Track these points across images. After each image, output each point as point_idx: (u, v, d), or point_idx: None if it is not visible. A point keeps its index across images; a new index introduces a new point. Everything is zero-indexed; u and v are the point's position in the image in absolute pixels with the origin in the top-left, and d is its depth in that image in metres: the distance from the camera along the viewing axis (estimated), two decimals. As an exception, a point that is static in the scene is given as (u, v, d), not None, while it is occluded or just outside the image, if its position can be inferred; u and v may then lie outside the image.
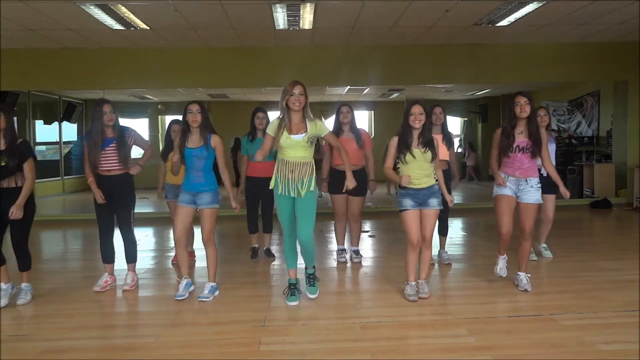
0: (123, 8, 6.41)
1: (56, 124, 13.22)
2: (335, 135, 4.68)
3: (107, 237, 4.37)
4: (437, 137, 4.05)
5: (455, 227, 7.27)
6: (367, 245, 6.17)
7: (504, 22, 7.41)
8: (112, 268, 4.44)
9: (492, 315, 3.57)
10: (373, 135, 13.84)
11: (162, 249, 6.31)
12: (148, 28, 7.37)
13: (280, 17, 6.95)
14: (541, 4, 6.56)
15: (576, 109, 11.62)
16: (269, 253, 5.43)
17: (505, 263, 4.21)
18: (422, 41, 8.47)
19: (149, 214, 8.95)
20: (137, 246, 4.50)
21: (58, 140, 13.36)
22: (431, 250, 4.00)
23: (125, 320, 3.78)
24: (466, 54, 8.87)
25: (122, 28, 7.32)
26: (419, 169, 3.79)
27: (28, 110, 11.69)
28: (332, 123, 5.11)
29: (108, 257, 4.40)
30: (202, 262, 4.59)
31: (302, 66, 8.76)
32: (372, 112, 15.04)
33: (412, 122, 3.75)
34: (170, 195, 5.13)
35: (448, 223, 5.07)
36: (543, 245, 5.23)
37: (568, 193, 4.05)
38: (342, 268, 5.03)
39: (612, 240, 6.56)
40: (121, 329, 3.53)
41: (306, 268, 4.05)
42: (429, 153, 3.79)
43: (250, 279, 4.66)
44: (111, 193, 4.22)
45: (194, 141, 3.98)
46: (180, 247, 4.14)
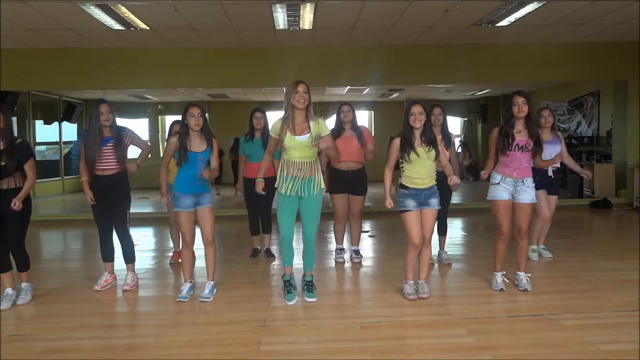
0: (123, 8, 6.41)
1: (56, 124, 13.21)
2: (332, 136, 4.78)
3: (107, 237, 4.37)
4: (437, 137, 4.04)
5: (455, 227, 7.27)
6: (367, 245, 6.17)
7: (504, 22, 7.41)
8: (112, 267, 4.44)
9: (492, 315, 3.57)
10: (373, 135, 13.84)
11: (162, 249, 6.31)
12: (148, 28, 7.37)
13: (280, 17, 6.95)
14: (541, 4, 6.56)
15: (576, 109, 11.62)
16: (269, 253, 5.43)
17: (502, 278, 4.14)
18: (422, 41, 8.47)
19: (149, 214, 8.94)
20: (135, 246, 4.49)
21: (58, 140, 13.37)
22: (430, 249, 4.00)
23: (125, 320, 3.78)
24: (466, 54, 8.87)
25: (122, 28, 7.32)
26: (423, 168, 3.80)
27: (28, 110, 11.69)
28: (334, 122, 5.11)
29: (108, 256, 4.41)
30: (202, 262, 4.58)
31: (302, 66, 8.76)
32: (372, 112, 15.04)
33: (413, 122, 3.76)
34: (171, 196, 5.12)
35: (447, 223, 5.06)
36: (542, 246, 5.23)
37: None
38: (342, 268, 5.03)
39: (612, 240, 6.56)
40: (121, 329, 3.53)
41: (304, 275, 4.03)
42: (433, 152, 3.80)
43: (250, 279, 4.66)
44: (107, 192, 4.22)
45: (198, 144, 3.95)
46: (187, 251, 4.13)
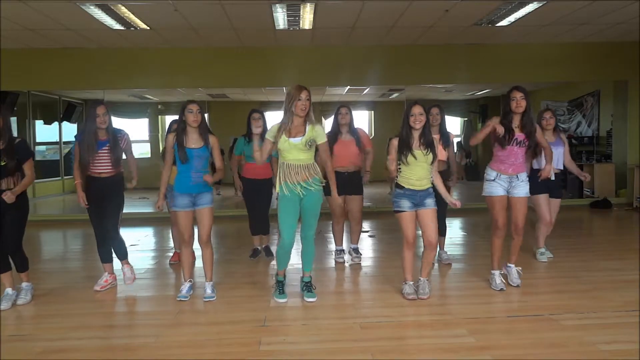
0: (123, 8, 6.41)
1: (56, 124, 13.21)
2: (328, 144, 4.78)
3: (104, 239, 4.34)
4: (435, 137, 4.03)
5: (454, 227, 7.27)
6: (367, 245, 6.17)
7: (504, 22, 7.41)
8: (112, 267, 4.43)
9: (492, 315, 3.57)
10: (373, 135, 13.85)
11: (162, 249, 6.31)
12: (148, 28, 7.37)
13: (280, 17, 6.95)
14: (541, 4, 6.56)
15: (576, 109, 11.62)
16: (268, 251, 5.43)
17: (501, 277, 4.14)
18: (422, 41, 8.47)
19: (149, 214, 8.94)
20: (135, 246, 4.52)
21: (58, 140, 13.37)
22: (435, 251, 3.96)
23: (125, 320, 3.78)
24: (466, 54, 8.87)
25: (122, 28, 7.32)
26: (421, 170, 3.79)
27: (28, 110, 11.69)
28: (330, 124, 5.10)
29: (106, 257, 4.40)
30: (201, 262, 4.57)
31: (302, 66, 8.76)
32: (372, 112, 15.05)
33: (413, 123, 3.74)
34: (170, 196, 5.07)
35: (446, 223, 5.03)
36: (541, 250, 5.11)
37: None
38: (342, 268, 5.03)
39: (612, 240, 6.56)
40: (121, 329, 3.53)
41: (302, 276, 4.01)
42: (430, 155, 3.79)
43: (250, 279, 4.66)
44: (102, 195, 4.20)
45: (195, 141, 3.94)
46: (186, 250, 4.11)
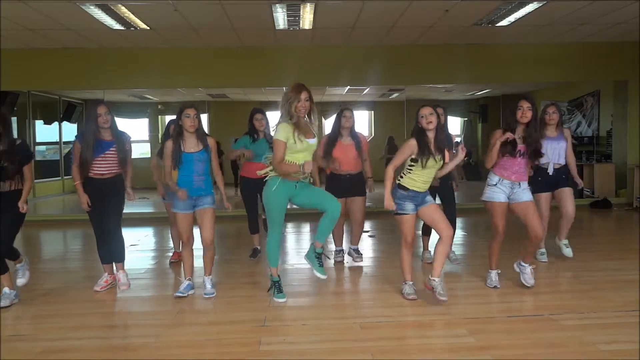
0: (123, 8, 6.41)
1: (56, 124, 13.21)
2: (329, 143, 4.80)
3: (104, 240, 4.31)
4: None
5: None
6: (367, 245, 6.17)
7: (504, 22, 7.41)
8: (112, 268, 4.42)
9: (492, 315, 3.57)
10: (373, 135, 13.86)
11: (162, 249, 6.31)
12: (148, 28, 7.37)
13: (280, 17, 6.95)
14: (541, 4, 6.56)
15: (576, 109, 11.62)
16: None
17: (497, 277, 4.16)
18: (422, 41, 8.47)
19: (149, 214, 8.95)
20: (135, 246, 4.50)
21: (58, 140, 13.37)
22: (451, 244, 3.89)
23: (125, 320, 3.78)
24: (466, 54, 8.87)
25: (122, 28, 7.32)
26: (430, 176, 3.77)
27: (28, 110, 11.69)
28: (328, 125, 5.09)
29: (107, 258, 4.38)
30: (200, 262, 4.56)
31: (302, 66, 8.75)
32: (372, 112, 15.04)
33: (426, 125, 3.69)
34: (169, 196, 5.00)
35: (456, 222, 4.88)
36: (564, 242, 5.05)
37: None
38: (342, 268, 5.02)
39: (612, 240, 6.56)
40: (121, 329, 3.53)
41: (315, 245, 3.84)
42: (442, 161, 3.77)
43: (250, 279, 4.66)
44: (102, 195, 4.15)
45: (193, 145, 3.92)
46: (186, 249, 4.12)
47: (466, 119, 14.88)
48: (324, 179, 5.07)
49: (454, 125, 14.83)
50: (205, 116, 3.76)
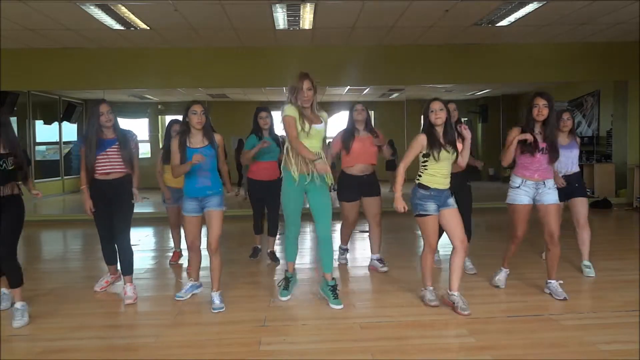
0: (123, 8, 6.41)
1: (56, 124, 13.21)
2: (346, 138, 4.62)
3: (108, 241, 4.19)
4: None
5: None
6: (367, 245, 6.15)
7: (504, 22, 7.41)
8: (115, 268, 4.37)
9: (492, 315, 3.57)
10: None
11: (162, 249, 6.31)
12: (148, 28, 7.37)
13: (280, 17, 6.95)
14: (541, 4, 6.56)
15: (576, 109, 11.62)
16: (274, 256, 5.29)
17: (506, 276, 4.12)
18: (422, 41, 8.47)
19: (149, 214, 8.94)
20: (136, 246, 4.36)
21: (58, 140, 13.37)
22: (464, 255, 3.68)
23: (125, 320, 3.78)
24: (466, 54, 8.87)
25: (122, 28, 7.32)
26: (448, 169, 3.63)
27: (28, 110, 11.68)
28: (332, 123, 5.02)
29: (111, 259, 4.29)
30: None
31: (302, 66, 8.64)
32: (372, 112, 15.04)
33: (435, 120, 3.57)
34: (170, 200, 5.02)
35: (471, 229, 4.57)
36: (585, 262, 4.58)
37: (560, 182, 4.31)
38: (342, 268, 5.02)
39: (612, 240, 6.55)
40: (121, 329, 3.53)
41: (325, 277, 3.80)
42: (455, 153, 3.65)
43: (250, 279, 4.66)
44: (109, 198, 4.00)
45: (198, 141, 3.81)
46: (191, 252, 4.05)
47: (466, 119, 14.88)
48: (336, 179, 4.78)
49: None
50: (209, 117, 3.77)
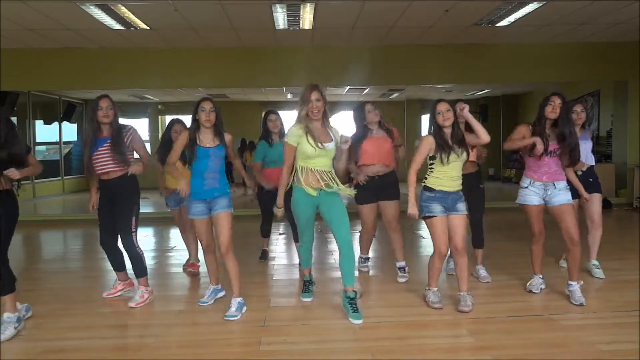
0: (123, 8, 6.41)
1: (56, 124, 13.23)
2: (358, 139, 4.29)
3: (107, 246, 4.01)
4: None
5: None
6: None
7: (504, 22, 7.41)
8: (125, 275, 4.17)
9: (492, 315, 3.56)
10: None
11: (162, 249, 6.31)
12: (148, 28, 7.37)
13: (280, 17, 6.95)
14: (541, 4, 6.56)
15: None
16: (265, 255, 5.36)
17: (541, 282, 3.99)
18: (422, 41, 8.47)
19: (149, 214, 8.94)
20: (142, 255, 4.02)
21: (58, 140, 13.37)
22: (466, 257, 3.65)
23: (125, 320, 3.77)
24: (466, 54, 8.87)
25: (122, 28, 7.32)
26: (456, 170, 3.55)
27: (28, 110, 11.70)
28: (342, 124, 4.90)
29: (116, 265, 4.10)
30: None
31: (302, 66, 8.76)
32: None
33: (442, 122, 3.50)
34: (172, 203, 4.83)
35: (483, 233, 4.45)
36: (594, 262, 4.47)
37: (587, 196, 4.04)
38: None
39: (612, 240, 6.54)
40: (121, 329, 3.53)
41: (345, 290, 3.55)
42: (464, 154, 3.54)
43: (250, 279, 4.66)
44: (112, 198, 3.85)
45: (209, 140, 3.62)
46: (208, 255, 3.88)
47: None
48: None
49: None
50: (220, 115, 3.60)
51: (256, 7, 6.49)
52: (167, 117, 14.76)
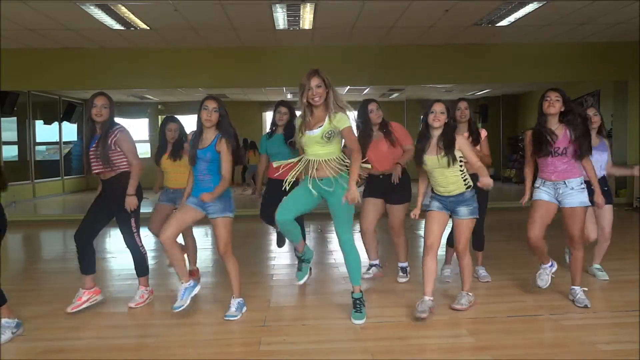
0: (123, 8, 6.41)
1: (56, 124, 13.23)
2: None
3: (84, 241, 3.88)
4: (463, 136, 3.68)
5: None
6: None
7: (504, 22, 7.41)
8: (92, 281, 3.92)
9: (492, 315, 3.56)
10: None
11: (162, 249, 6.29)
12: (148, 28, 7.37)
13: (280, 17, 6.95)
14: (541, 4, 6.56)
15: (576, 109, 11.62)
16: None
17: (549, 273, 3.83)
18: (422, 41, 8.47)
19: (149, 214, 8.92)
20: (145, 255, 3.99)
21: (58, 140, 13.37)
22: (468, 259, 3.62)
23: (125, 320, 3.78)
24: (466, 54, 8.87)
25: (122, 28, 7.32)
26: (442, 176, 3.46)
27: (28, 110, 11.69)
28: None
29: (85, 266, 3.89)
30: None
31: (302, 66, 8.65)
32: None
33: (432, 121, 3.43)
34: (163, 198, 4.73)
35: (484, 235, 4.43)
36: (596, 266, 4.50)
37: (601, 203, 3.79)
38: (342, 268, 5.01)
39: (612, 240, 6.50)
40: (121, 329, 3.53)
41: (352, 292, 3.50)
42: (446, 159, 3.37)
43: (250, 279, 4.65)
44: (109, 198, 3.81)
45: (203, 142, 3.51)
46: (165, 245, 3.49)
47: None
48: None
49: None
50: (225, 116, 3.43)
51: (256, 7, 6.49)
52: (167, 117, 14.75)
